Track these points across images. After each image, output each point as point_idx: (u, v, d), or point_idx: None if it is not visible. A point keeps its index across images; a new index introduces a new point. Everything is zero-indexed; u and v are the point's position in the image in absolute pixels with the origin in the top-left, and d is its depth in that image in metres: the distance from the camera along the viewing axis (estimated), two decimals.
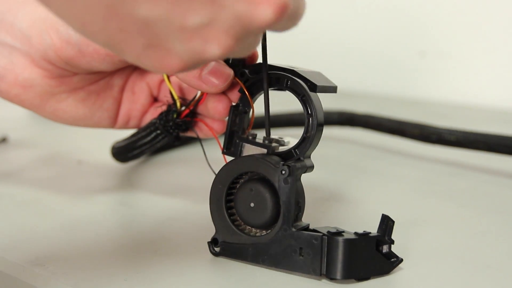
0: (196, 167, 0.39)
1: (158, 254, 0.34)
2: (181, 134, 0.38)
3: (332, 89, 0.33)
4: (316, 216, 0.40)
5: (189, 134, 0.39)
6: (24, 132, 0.66)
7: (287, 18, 0.24)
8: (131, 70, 0.40)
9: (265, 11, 0.23)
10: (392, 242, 0.31)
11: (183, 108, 0.37)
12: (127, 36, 0.23)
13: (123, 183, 0.50)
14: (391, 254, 0.31)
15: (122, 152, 0.46)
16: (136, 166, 0.53)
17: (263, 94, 0.34)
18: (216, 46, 0.23)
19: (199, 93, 0.37)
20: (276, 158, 0.32)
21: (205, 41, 0.23)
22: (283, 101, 0.47)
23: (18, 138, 0.63)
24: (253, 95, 0.34)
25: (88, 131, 0.42)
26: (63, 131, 0.42)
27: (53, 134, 0.64)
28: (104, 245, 0.36)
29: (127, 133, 0.43)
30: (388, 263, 0.31)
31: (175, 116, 0.37)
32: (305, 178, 0.33)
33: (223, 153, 0.34)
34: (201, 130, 0.38)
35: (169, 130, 0.38)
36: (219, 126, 0.37)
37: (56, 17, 0.23)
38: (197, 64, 0.24)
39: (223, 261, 0.33)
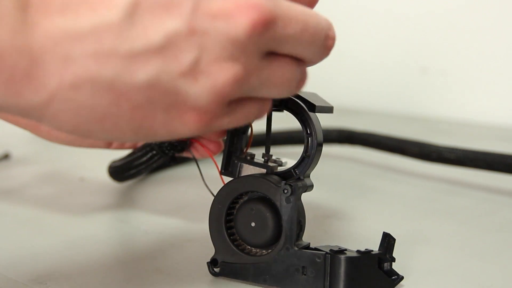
0: (197, 185, 0.39)
1: (159, 272, 0.34)
2: (177, 155, 0.39)
3: (329, 110, 0.34)
4: (317, 235, 0.40)
5: (185, 154, 0.39)
6: (26, 149, 0.67)
7: (276, 28, 0.24)
8: None
9: (240, 22, 0.23)
10: (394, 259, 0.31)
11: None
12: (146, 109, 0.23)
13: (124, 200, 0.50)
14: (392, 272, 0.31)
15: (119, 172, 0.46)
16: (137, 183, 0.53)
17: None
18: (221, 74, 0.23)
19: None
20: (277, 178, 0.32)
21: (208, 74, 0.23)
22: (278, 119, 0.48)
23: (20, 154, 0.63)
24: None
25: (90, 149, 0.43)
26: (65, 148, 0.42)
27: (55, 151, 0.65)
28: (105, 263, 0.36)
29: (127, 151, 0.43)
30: (389, 280, 0.31)
31: None
32: (305, 196, 0.33)
33: (221, 173, 0.34)
34: (197, 150, 0.38)
35: (165, 150, 0.38)
36: (215, 147, 0.38)
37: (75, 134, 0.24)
38: (220, 101, 0.24)
39: (224, 281, 0.33)
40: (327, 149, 0.38)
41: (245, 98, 0.26)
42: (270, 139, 0.34)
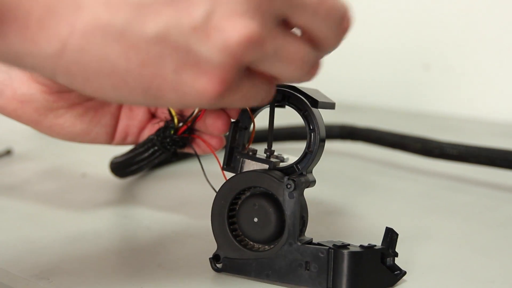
0: (199, 181, 0.39)
1: (161, 268, 0.34)
2: (179, 151, 0.39)
3: (331, 106, 0.34)
4: (320, 230, 0.40)
5: (187, 150, 0.39)
6: (28, 145, 0.67)
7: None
8: None
9: None
10: (396, 255, 0.31)
11: (180, 124, 0.38)
12: (156, 66, 0.23)
13: (126, 196, 0.50)
14: (395, 267, 0.31)
15: (120, 168, 0.46)
16: (139, 179, 0.53)
17: (263, 110, 0.34)
18: (235, 31, 0.23)
19: (196, 110, 0.37)
20: (280, 173, 0.32)
21: (221, 30, 0.23)
22: (279, 115, 0.48)
23: (22, 151, 0.63)
24: (254, 111, 0.34)
25: (92, 145, 0.43)
26: (68, 144, 0.42)
27: (57, 147, 0.64)
28: (107, 259, 0.36)
29: (129, 147, 0.43)
30: (392, 275, 0.31)
31: (172, 132, 0.38)
32: (307, 192, 0.33)
33: (223, 169, 0.34)
34: (199, 146, 0.38)
35: (167, 146, 0.38)
36: (217, 143, 0.37)
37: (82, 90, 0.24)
38: (233, 63, 0.23)
39: (226, 277, 0.33)
40: (329, 145, 0.38)
41: (256, 73, 0.26)
42: (273, 134, 0.34)
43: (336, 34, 0.27)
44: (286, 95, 0.33)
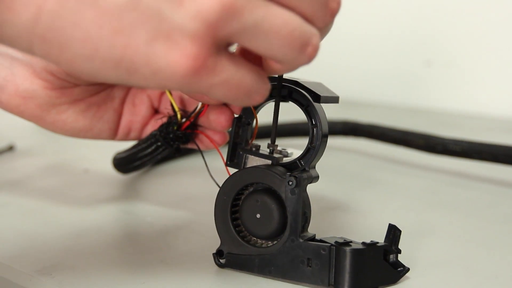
0: (201, 177, 0.39)
1: (164, 263, 0.34)
2: (182, 146, 0.39)
3: (335, 100, 0.33)
4: (322, 227, 0.40)
5: (190, 146, 0.39)
6: (31, 141, 0.67)
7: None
8: None
9: None
10: (399, 251, 0.31)
11: (183, 120, 0.37)
12: (128, 35, 0.22)
13: (129, 192, 0.50)
14: (398, 264, 0.31)
15: (123, 164, 0.46)
16: (142, 175, 0.53)
17: (266, 105, 0.34)
18: None
19: (199, 105, 0.37)
20: (282, 169, 0.32)
21: None
22: (284, 111, 0.47)
23: (25, 146, 0.63)
24: (256, 106, 0.34)
25: (94, 140, 0.43)
26: (70, 139, 0.42)
27: (60, 142, 0.65)
28: (110, 254, 0.36)
29: (131, 143, 0.43)
30: (395, 272, 0.31)
31: (175, 128, 0.37)
32: (310, 188, 0.33)
33: (227, 165, 0.34)
34: (202, 142, 0.38)
35: (170, 142, 0.38)
36: (221, 138, 0.37)
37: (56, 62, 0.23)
38: (208, 34, 0.22)
39: (229, 273, 0.33)
40: (331, 141, 0.38)
41: (240, 59, 0.24)
42: (276, 129, 0.34)
43: (323, 14, 0.25)
44: (289, 90, 0.33)
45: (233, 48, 0.27)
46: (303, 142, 0.33)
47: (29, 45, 0.23)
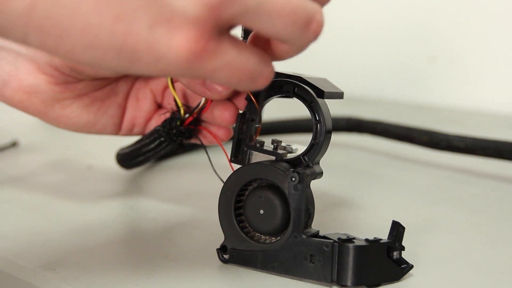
0: (205, 173, 0.39)
1: (168, 259, 0.34)
2: (185, 142, 0.39)
3: (339, 95, 0.33)
4: (326, 223, 0.40)
5: (194, 141, 0.39)
6: (34, 137, 0.67)
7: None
8: (135, 76, 0.40)
9: None
10: (403, 248, 0.31)
11: (187, 115, 0.37)
12: (129, 21, 0.21)
13: (133, 188, 0.50)
14: (401, 261, 0.31)
15: (127, 159, 0.46)
16: (145, 171, 0.54)
17: (271, 101, 0.34)
18: None
19: (203, 101, 0.37)
20: (286, 165, 0.32)
21: None
22: (290, 107, 0.47)
23: (28, 142, 0.63)
24: (258, 98, 0.34)
25: (98, 136, 0.43)
26: (73, 135, 0.42)
27: (63, 138, 0.65)
28: (114, 250, 0.37)
29: (135, 138, 0.43)
30: (398, 269, 0.31)
31: (178, 123, 0.37)
32: (314, 184, 0.33)
33: (231, 161, 0.34)
34: (205, 137, 0.38)
35: (173, 137, 0.38)
36: (224, 134, 0.37)
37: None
38: (210, 16, 0.22)
39: (233, 268, 0.33)
40: (335, 137, 0.38)
41: (242, 42, 0.24)
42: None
43: None
44: (292, 86, 0.33)
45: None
46: (309, 138, 0.33)
47: (24, 35, 0.22)
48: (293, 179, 0.31)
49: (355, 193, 0.49)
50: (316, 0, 0.25)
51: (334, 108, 0.37)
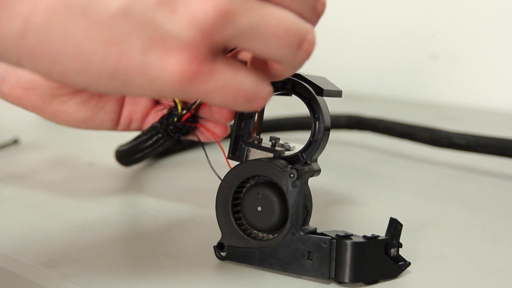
0: (204, 170, 0.40)
1: (169, 256, 0.35)
2: (183, 138, 0.39)
3: (337, 94, 0.33)
4: (325, 220, 0.40)
5: (191, 137, 0.39)
6: (35, 134, 0.67)
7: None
8: None
9: None
10: (400, 245, 0.31)
11: (184, 112, 0.38)
12: (121, 45, 0.22)
13: (133, 185, 0.50)
14: (399, 258, 0.31)
15: (125, 156, 0.46)
16: (145, 169, 0.54)
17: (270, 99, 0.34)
18: (201, 5, 0.21)
19: None
20: (284, 162, 0.32)
21: (187, 5, 0.21)
22: (288, 105, 0.47)
23: (29, 140, 0.63)
24: None
25: (99, 133, 0.43)
26: (74, 133, 0.42)
27: (64, 136, 0.65)
28: (115, 247, 0.37)
29: (134, 134, 0.43)
30: (396, 266, 0.31)
31: (176, 119, 0.38)
32: (313, 181, 0.33)
33: (229, 158, 0.34)
34: (203, 133, 0.38)
35: (170, 133, 0.38)
36: (222, 131, 0.37)
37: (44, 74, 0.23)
38: (203, 40, 0.22)
39: (230, 265, 0.33)
40: (336, 134, 0.38)
41: (237, 62, 0.24)
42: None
43: (312, 12, 0.25)
44: (291, 84, 0.33)
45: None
46: (307, 136, 0.33)
47: (18, 59, 0.22)
48: (291, 175, 0.31)
49: (355, 191, 0.49)
50: (307, 20, 0.25)
51: (334, 106, 0.37)
